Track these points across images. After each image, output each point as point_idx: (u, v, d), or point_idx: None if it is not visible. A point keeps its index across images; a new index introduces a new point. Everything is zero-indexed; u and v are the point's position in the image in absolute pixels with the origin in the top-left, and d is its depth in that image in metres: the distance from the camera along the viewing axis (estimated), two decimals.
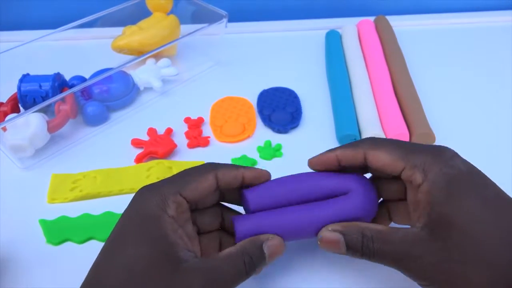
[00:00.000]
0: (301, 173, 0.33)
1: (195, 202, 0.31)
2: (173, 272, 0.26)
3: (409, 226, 0.30)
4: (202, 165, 0.32)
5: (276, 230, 0.30)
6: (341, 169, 0.32)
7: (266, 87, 0.54)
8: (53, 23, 0.57)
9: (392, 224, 0.34)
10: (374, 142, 0.31)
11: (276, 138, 0.48)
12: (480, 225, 0.25)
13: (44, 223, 0.40)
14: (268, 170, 0.33)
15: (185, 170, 0.32)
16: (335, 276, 0.35)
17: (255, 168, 0.33)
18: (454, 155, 0.29)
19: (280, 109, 0.51)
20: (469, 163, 0.29)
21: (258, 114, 0.51)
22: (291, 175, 0.33)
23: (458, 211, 0.26)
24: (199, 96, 0.55)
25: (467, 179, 0.27)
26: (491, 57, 0.61)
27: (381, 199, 0.34)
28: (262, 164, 0.45)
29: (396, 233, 0.28)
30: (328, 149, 0.33)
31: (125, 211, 0.30)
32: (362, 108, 0.49)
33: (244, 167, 0.32)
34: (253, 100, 0.53)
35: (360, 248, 0.28)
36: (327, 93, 0.55)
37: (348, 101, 0.50)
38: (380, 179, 0.33)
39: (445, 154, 0.29)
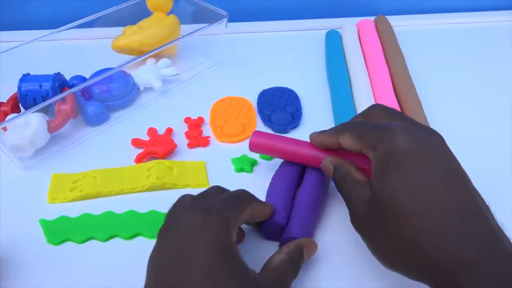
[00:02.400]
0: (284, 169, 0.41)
1: None
2: None
3: None
4: (242, 193, 0.34)
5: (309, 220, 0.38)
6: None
7: (266, 87, 0.54)
8: (53, 23, 0.57)
9: None
10: (342, 126, 0.36)
11: None
12: (395, 203, 0.29)
13: (44, 223, 0.40)
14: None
15: (230, 194, 0.34)
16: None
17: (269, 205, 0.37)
18: (401, 132, 0.31)
19: (280, 109, 0.51)
20: (418, 139, 0.30)
21: (258, 114, 0.51)
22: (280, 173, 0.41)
23: (384, 185, 0.30)
24: (199, 96, 0.55)
25: (400, 156, 0.30)
26: (491, 57, 0.61)
27: None
28: (262, 164, 0.45)
29: (362, 186, 0.33)
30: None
31: (190, 237, 0.29)
32: (362, 108, 0.49)
33: (267, 204, 0.37)
34: (253, 100, 0.53)
35: (338, 181, 0.35)
36: (327, 93, 0.55)
37: (348, 101, 0.50)
38: None
39: (390, 133, 0.31)
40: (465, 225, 0.27)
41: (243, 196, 0.34)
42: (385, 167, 0.30)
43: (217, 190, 0.35)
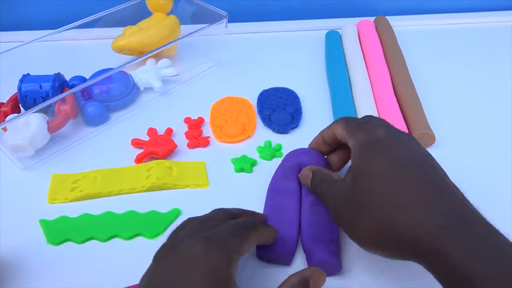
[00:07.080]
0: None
1: None
2: None
3: None
4: (246, 221, 0.33)
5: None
6: (329, 148, 0.41)
7: (266, 87, 0.54)
8: (53, 23, 0.57)
9: None
10: (337, 120, 0.39)
11: (276, 138, 0.48)
12: (372, 180, 0.31)
13: (44, 223, 0.40)
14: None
15: (235, 223, 0.32)
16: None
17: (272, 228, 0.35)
18: (379, 125, 0.35)
19: (280, 109, 0.51)
20: (393, 132, 0.35)
21: (258, 114, 0.51)
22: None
23: (362, 169, 0.33)
24: (199, 96, 0.55)
25: (377, 144, 0.33)
26: (491, 57, 0.61)
27: None
28: (262, 164, 0.46)
29: (339, 183, 0.35)
30: None
31: (188, 265, 0.28)
32: (362, 108, 0.49)
33: (271, 228, 0.35)
34: (253, 100, 0.53)
35: (315, 184, 0.37)
36: (327, 93, 0.55)
37: (348, 101, 0.50)
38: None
39: (371, 125, 0.35)
40: (434, 199, 0.29)
41: (248, 224, 0.32)
42: (364, 150, 0.33)
43: (223, 215, 0.34)
